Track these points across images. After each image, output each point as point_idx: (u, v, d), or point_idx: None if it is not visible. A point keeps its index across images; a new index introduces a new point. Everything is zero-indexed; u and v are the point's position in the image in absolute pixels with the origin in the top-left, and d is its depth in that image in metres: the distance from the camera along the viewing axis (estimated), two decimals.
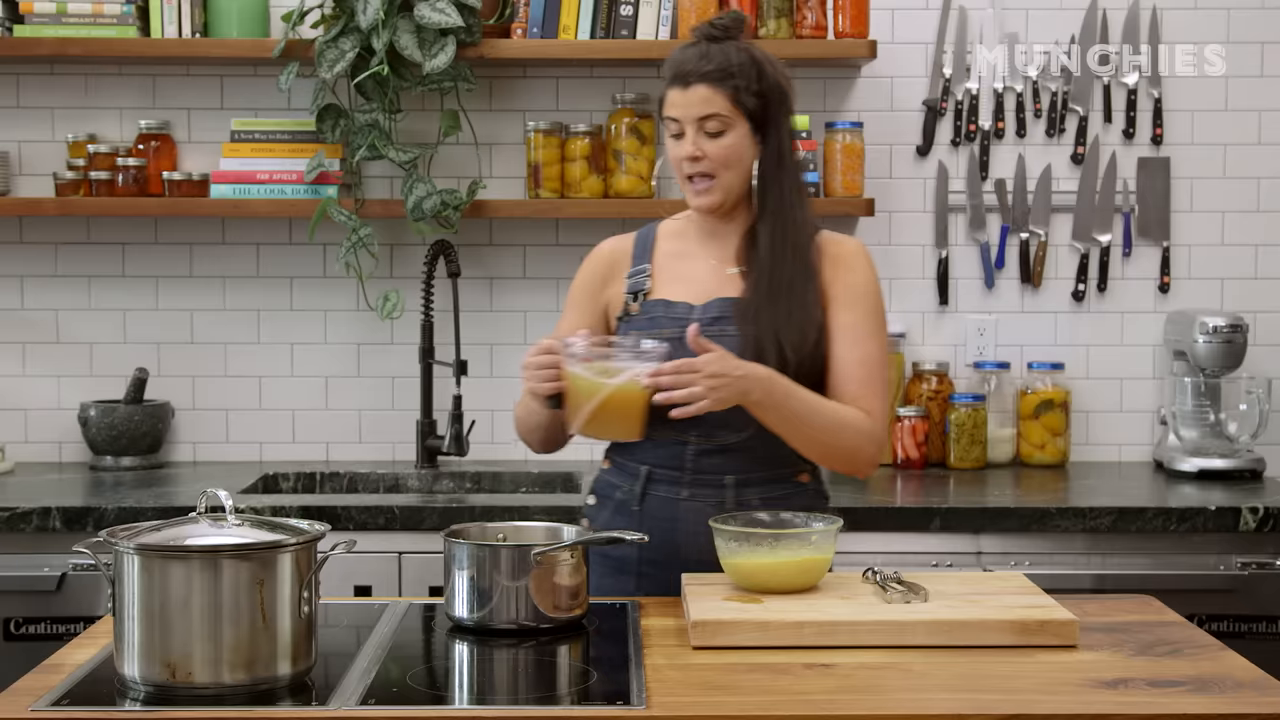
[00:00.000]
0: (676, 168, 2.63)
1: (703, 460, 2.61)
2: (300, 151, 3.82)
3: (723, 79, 2.56)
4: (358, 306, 3.94)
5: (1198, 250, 3.99)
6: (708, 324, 2.59)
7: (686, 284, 2.66)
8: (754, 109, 2.59)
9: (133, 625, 1.98)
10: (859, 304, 2.64)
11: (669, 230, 2.76)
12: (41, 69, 3.91)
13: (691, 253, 2.70)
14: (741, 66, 2.57)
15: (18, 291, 3.95)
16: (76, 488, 3.58)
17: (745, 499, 2.61)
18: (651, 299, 2.66)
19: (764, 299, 2.59)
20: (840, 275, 2.64)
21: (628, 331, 2.63)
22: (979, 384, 3.96)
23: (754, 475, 2.61)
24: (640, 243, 2.75)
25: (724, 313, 2.61)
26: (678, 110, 2.58)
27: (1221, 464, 3.71)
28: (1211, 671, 2.10)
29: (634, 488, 2.64)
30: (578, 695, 2.06)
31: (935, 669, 2.10)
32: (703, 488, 2.61)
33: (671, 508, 2.62)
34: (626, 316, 2.67)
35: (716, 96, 2.56)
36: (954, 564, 3.32)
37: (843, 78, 3.95)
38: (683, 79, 2.57)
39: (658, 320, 2.63)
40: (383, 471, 3.84)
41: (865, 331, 2.63)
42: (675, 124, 2.60)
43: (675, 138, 2.61)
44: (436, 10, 3.63)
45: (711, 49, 2.58)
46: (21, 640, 3.29)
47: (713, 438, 2.60)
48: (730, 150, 2.58)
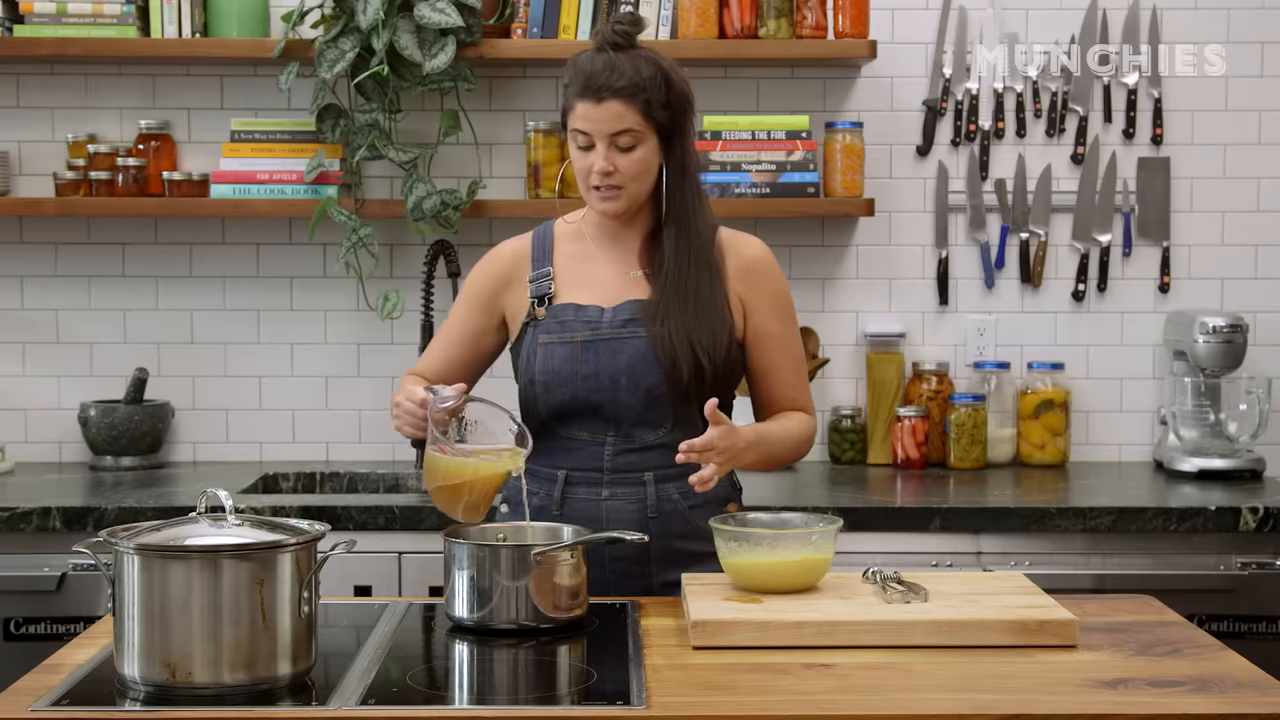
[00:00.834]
0: (583, 177, 2.62)
1: (620, 459, 2.63)
2: (300, 151, 3.82)
3: (635, 94, 2.55)
4: (358, 306, 3.94)
5: (1198, 250, 3.99)
6: (619, 326, 2.62)
7: (591, 287, 2.67)
8: (663, 121, 2.59)
9: (133, 625, 1.98)
10: (780, 312, 2.71)
11: (566, 232, 2.75)
12: (41, 69, 3.91)
13: (592, 255, 2.71)
14: (652, 80, 2.56)
15: (18, 291, 3.95)
16: (76, 488, 3.58)
17: (665, 494, 2.63)
18: (559, 303, 2.66)
19: (672, 302, 2.60)
20: (758, 287, 2.68)
21: (535, 336, 2.63)
22: (979, 384, 3.96)
23: (672, 470, 2.61)
24: (538, 245, 2.74)
25: (634, 315, 2.63)
26: (590, 124, 2.56)
27: (1221, 464, 3.71)
28: (1211, 671, 2.10)
29: (552, 492, 2.64)
30: (578, 695, 2.06)
31: (935, 669, 2.10)
32: (623, 486, 2.63)
33: (593, 508, 2.62)
34: (534, 321, 2.66)
35: (629, 112, 2.55)
36: (954, 564, 3.32)
37: (843, 78, 3.95)
38: (595, 93, 2.55)
39: (568, 324, 2.63)
40: (383, 471, 3.84)
41: (790, 337, 2.72)
42: (584, 136, 2.58)
43: (583, 149, 2.60)
44: (436, 10, 3.63)
45: (620, 60, 2.56)
46: (21, 640, 3.29)
47: (631, 437, 2.61)
48: (641, 163, 2.59)
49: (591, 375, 2.60)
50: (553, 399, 2.62)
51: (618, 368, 2.60)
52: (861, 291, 3.98)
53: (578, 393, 2.61)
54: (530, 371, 2.64)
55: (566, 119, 2.62)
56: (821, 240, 3.96)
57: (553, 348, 2.62)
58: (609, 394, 2.60)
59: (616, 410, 2.60)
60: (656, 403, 2.60)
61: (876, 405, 3.92)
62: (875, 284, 3.98)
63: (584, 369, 2.60)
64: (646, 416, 2.61)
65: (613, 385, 2.60)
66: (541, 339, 2.63)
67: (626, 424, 2.61)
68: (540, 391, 2.63)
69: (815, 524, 2.41)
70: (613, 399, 2.60)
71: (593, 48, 2.61)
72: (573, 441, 2.64)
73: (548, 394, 2.62)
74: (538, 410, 2.65)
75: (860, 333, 3.98)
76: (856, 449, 3.94)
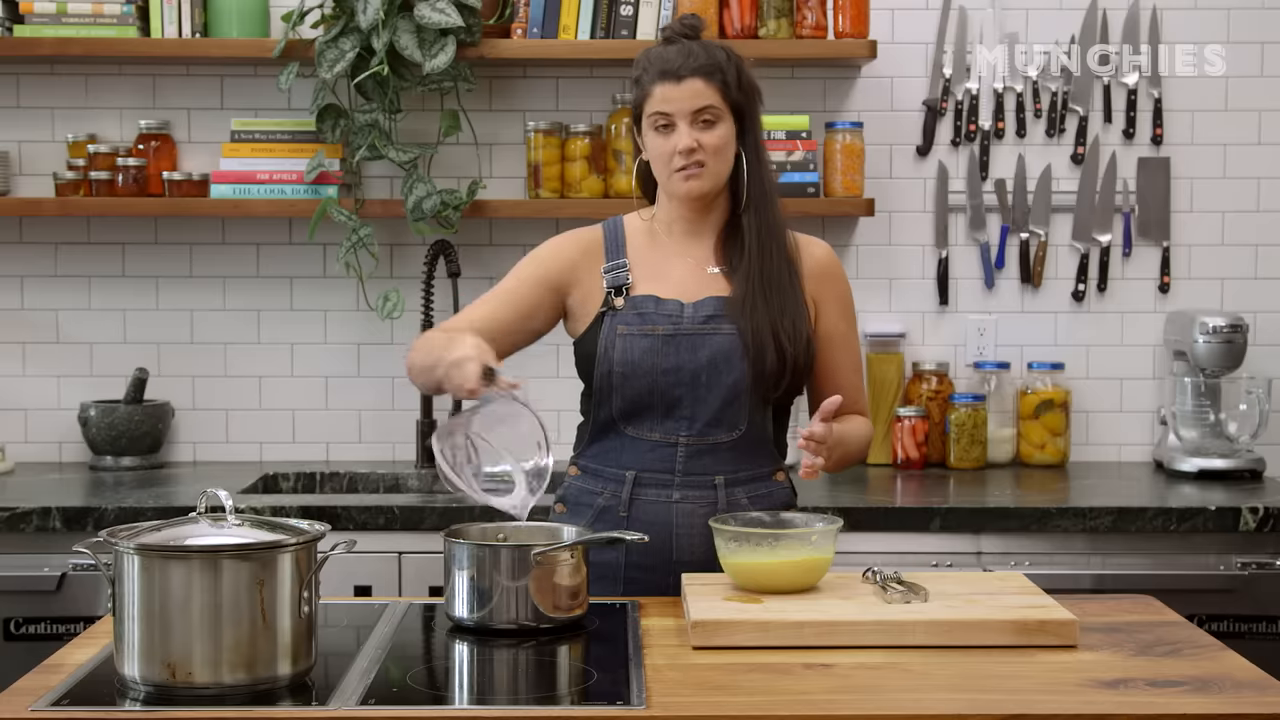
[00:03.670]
0: (664, 162, 2.62)
1: (693, 461, 2.62)
2: (300, 151, 3.82)
3: (713, 72, 2.60)
4: (358, 306, 3.94)
5: (1198, 250, 3.99)
6: (701, 321, 2.61)
7: (668, 282, 2.66)
8: (738, 103, 2.62)
9: (133, 625, 1.98)
10: (847, 313, 2.75)
11: (638, 227, 2.74)
12: (41, 69, 3.91)
13: (668, 251, 2.70)
14: (726, 62, 2.62)
15: (18, 291, 3.95)
16: (76, 488, 3.58)
17: (735, 499, 2.62)
18: (637, 294, 2.65)
19: (757, 293, 2.61)
20: (828, 286, 2.71)
21: (614, 325, 2.61)
22: (979, 384, 3.96)
23: (741, 474, 2.62)
24: (610, 236, 2.72)
25: (717, 311, 2.62)
26: (671, 105, 2.59)
27: (1221, 464, 3.71)
28: (1211, 671, 2.10)
29: (619, 492, 2.63)
30: (578, 695, 2.06)
31: (935, 669, 2.10)
32: (694, 489, 2.62)
33: (663, 511, 2.61)
34: (611, 310, 2.64)
35: (709, 89, 2.59)
36: (954, 564, 3.32)
37: (843, 78, 3.95)
38: (674, 74, 2.58)
39: (648, 316, 2.62)
40: (383, 471, 3.84)
41: (854, 340, 2.77)
42: (665, 118, 2.60)
43: (663, 130, 2.61)
44: (436, 10, 3.63)
45: (693, 46, 2.62)
46: (21, 640, 3.29)
47: (705, 438, 2.60)
48: (723, 140, 2.61)
49: (673, 369, 2.59)
50: (629, 390, 2.60)
51: (699, 364, 2.58)
52: (861, 291, 3.95)
53: (656, 385, 2.59)
54: (608, 361, 2.61)
55: (641, 109, 2.63)
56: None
57: (633, 339, 2.60)
58: (689, 389, 2.58)
59: (695, 408, 2.59)
60: (734, 401, 2.59)
61: (876, 405, 3.92)
62: (875, 284, 3.98)
63: (665, 363, 2.59)
64: (723, 416, 2.60)
65: (693, 381, 2.58)
66: (620, 329, 2.61)
67: (701, 423, 2.59)
68: (618, 382, 2.60)
69: (815, 524, 2.40)
70: (692, 395, 2.59)
71: (661, 41, 2.66)
72: (644, 443, 2.62)
73: (625, 385, 2.60)
74: (610, 403, 2.62)
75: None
76: None
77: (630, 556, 2.60)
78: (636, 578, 2.61)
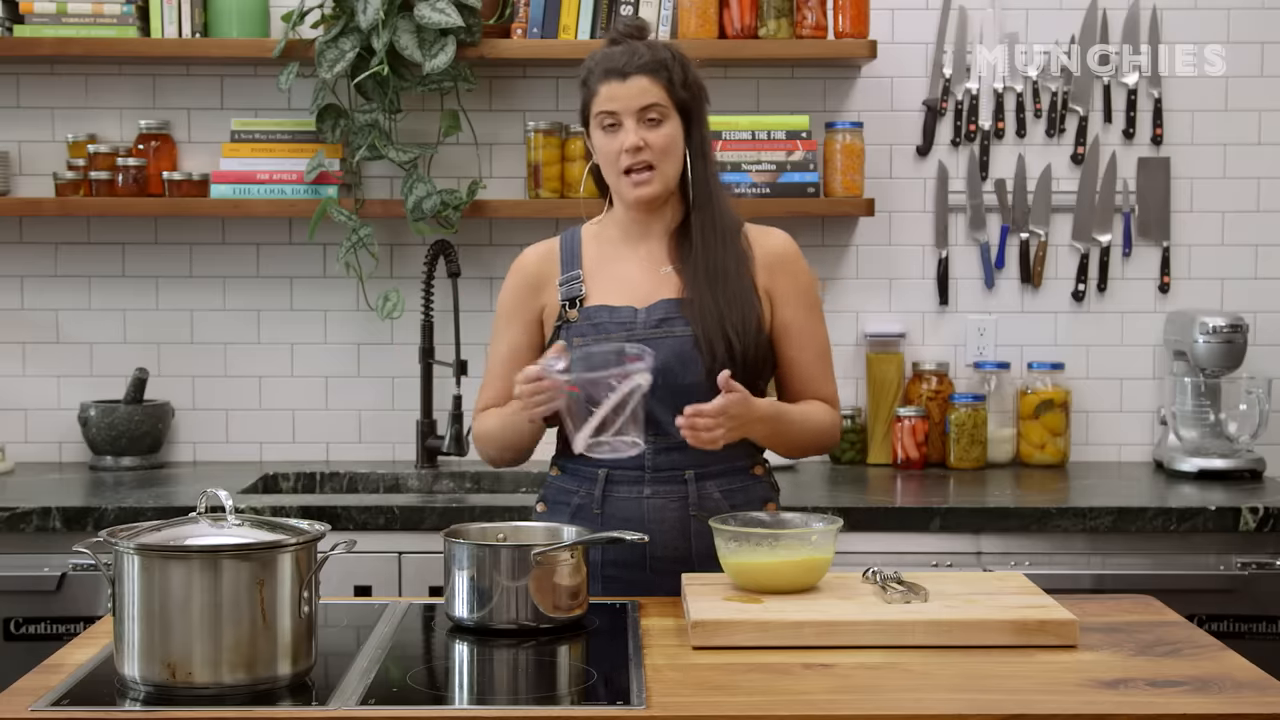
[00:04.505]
0: (611, 162, 2.63)
1: (661, 457, 2.63)
2: (300, 151, 3.82)
3: (658, 70, 2.61)
4: (358, 306, 3.94)
5: (1198, 250, 3.99)
6: (653, 326, 2.62)
7: (622, 287, 2.67)
8: (684, 101, 2.64)
9: (133, 625, 1.98)
10: (803, 303, 2.72)
11: (592, 234, 2.76)
12: (41, 69, 3.91)
13: (620, 255, 2.71)
14: (671, 60, 2.63)
15: (18, 291, 3.95)
16: (76, 488, 3.58)
17: (706, 493, 2.63)
18: (590, 304, 2.66)
19: (704, 289, 2.62)
20: (781, 279, 2.70)
21: (569, 339, 2.62)
22: (979, 384, 3.96)
23: (712, 469, 2.63)
24: (566, 247, 2.74)
25: (669, 314, 2.63)
26: (617, 103, 2.60)
27: (1221, 464, 3.71)
28: (1211, 671, 2.10)
29: (593, 491, 2.64)
30: (578, 695, 2.06)
31: (935, 669, 2.10)
32: (664, 484, 2.63)
33: (635, 507, 2.63)
34: (566, 324, 2.66)
35: (654, 87, 2.61)
36: (954, 564, 3.32)
37: (843, 78, 3.95)
38: (619, 72, 2.60)
39: (602, 325, 2.63)
40: (383, 471, 3.84)
41: (814, 327, 2.73)
42: (611, 117, 2.61)
43: (610, 130, 2.62)
44: (436, 10, 3.63)
45: (639, 45, 2.63)
46: (21, 640, 3.29)
47: (672, 435, 2.61)
48: (669, 139, 2.62)
49: None
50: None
51: (655, 367, 2.59)
52: (861, 291, 3.98)
53: None
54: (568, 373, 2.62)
55: (588, 111, 2.65)
56: (821, 240, 3.96)
57: None
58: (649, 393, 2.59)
59: (656, 410, 2.59)
60: (695, 400, 2.59)
61: (876, 405, 3.92)
62: (875, 284, 3.98)
63: None
64: None
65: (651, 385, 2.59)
66: (576, 341, 2.62)
67: (665, 423, 2.59)
68: None
69: (815, 524, 2.41)
70: (652, 397, 2.58)
71: (606, 42, 2.68)
72: None
73: None
74: None
75: (860, 333, 3.98)
76: (856, 449, 3.94)
77: (607, 554, 2.62)
78: (614, 575, 2.62)
